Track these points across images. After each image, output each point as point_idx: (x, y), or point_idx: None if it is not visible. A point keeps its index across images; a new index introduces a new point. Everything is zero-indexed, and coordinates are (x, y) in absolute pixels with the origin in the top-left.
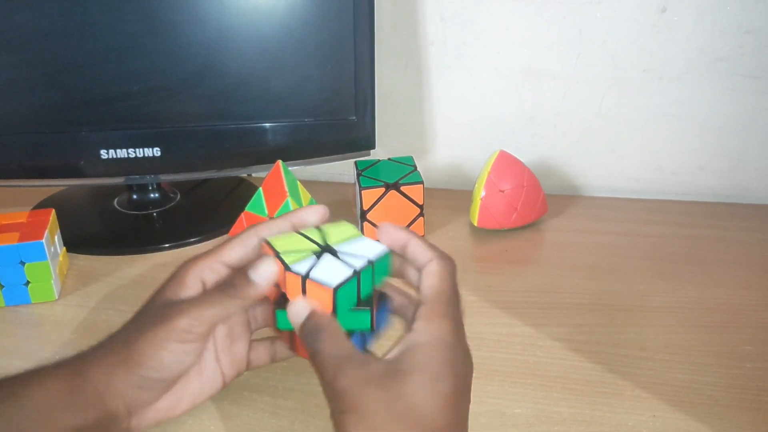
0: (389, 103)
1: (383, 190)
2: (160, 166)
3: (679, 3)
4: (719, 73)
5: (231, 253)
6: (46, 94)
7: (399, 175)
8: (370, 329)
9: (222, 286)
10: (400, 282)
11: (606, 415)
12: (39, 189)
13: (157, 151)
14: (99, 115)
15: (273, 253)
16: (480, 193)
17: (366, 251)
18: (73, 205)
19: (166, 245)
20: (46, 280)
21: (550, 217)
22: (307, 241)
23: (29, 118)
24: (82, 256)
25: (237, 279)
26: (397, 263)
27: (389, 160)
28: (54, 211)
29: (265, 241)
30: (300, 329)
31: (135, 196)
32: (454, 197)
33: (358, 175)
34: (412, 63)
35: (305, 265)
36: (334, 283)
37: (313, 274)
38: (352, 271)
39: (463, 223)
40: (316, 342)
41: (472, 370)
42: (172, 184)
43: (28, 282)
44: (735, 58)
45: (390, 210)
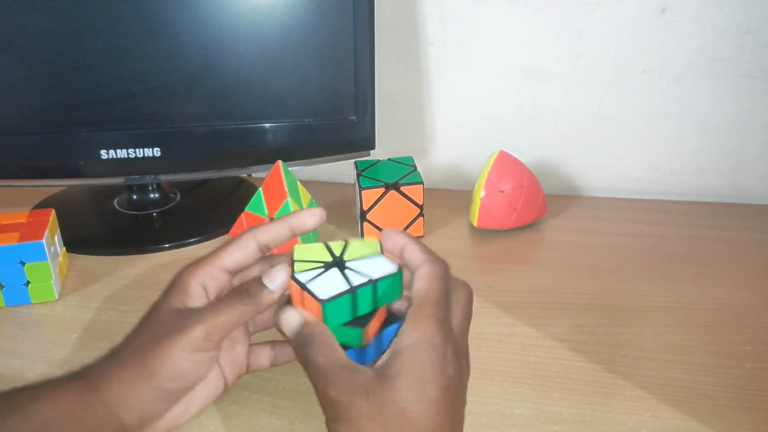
0: (389, 103)
1: (383, 190)
2: (160, 166)
3: (678, 3)
4: (719, 74)
5: (229, 258)
6: (46, 94)
7: (399, 176)
8: (360, 346)
9: (236, 292)
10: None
11: (606, 415)
12: (39, 189)
13: (157, 151)
14: (99, 115)
15: (290, 260)
16: (480, 193)
17: (373, 270)
18: (73, 205)
19: (166, 245)
20: (46, 281)
21: (549, 217)
22: (326, 253)
23: (29, 118)
24: (82, 256)
25: (251, 285)
26: (408, 275)
27: (389, 160)
28: (54, 211)
29: (292, 248)
30: (293, 339)
31: (135, 197)
32: (454, 197)
33: (358, 175)
34: (412, 63)
35: (308, 275)
36: (325, 296)
37: (309, 284)
38: (347, 288)
39: (463, 223)
40: (307, 353)
41: (468, 371)
42: (172, 184)
43: (28, 282)
44: (734, 58)
45: (390, 210)
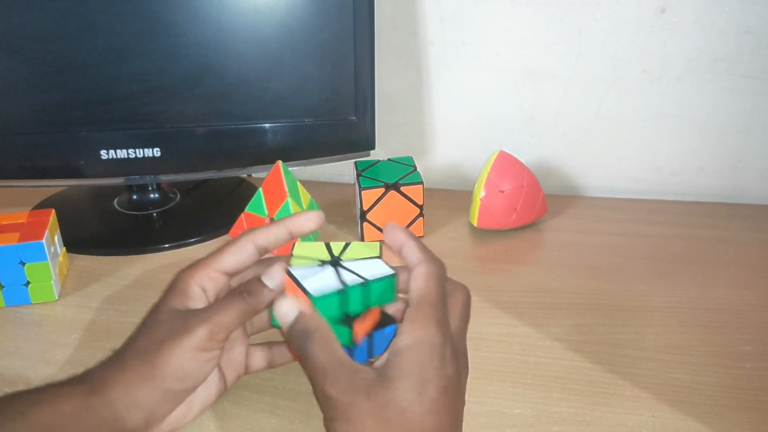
0: (389, 104)
1: (383, 190)
2: (160, 167)
3: (678, 4)
4: (719, 74)
5: (227, 260)
6: (46, 94)
7: (399, 176)
8: (348, 345)
9: (236, 292)
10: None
11: (606, 415)
12: (39, 189)
13: (157, 152)
14: (99, 115)
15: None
16: (480, 193)
17: (367, 271)
18: (73, 205)
19: (166, 245)
20: (46, 281)
21: (549, 217)
22: (325, 252)
23: (29, 118)
24: (82, 257)
25: (251, 285)
26: (405, 276)
27: (389, 160)
28: (54, 211)
29: (293, 244)
30: (288, 330)
31: (135, 197)
32: (453, 197)
33: (358, 175)
34: (412, 63)
35: (303, 271)
36: (315, 292)
37: (302, 280)
38: (338, 286)
39: (463, 224)
40: (305, 346)
41: (467, 371)
42: (171, 185)
43: (28, 282)
44: (734, 58)
45: (390, 210)
